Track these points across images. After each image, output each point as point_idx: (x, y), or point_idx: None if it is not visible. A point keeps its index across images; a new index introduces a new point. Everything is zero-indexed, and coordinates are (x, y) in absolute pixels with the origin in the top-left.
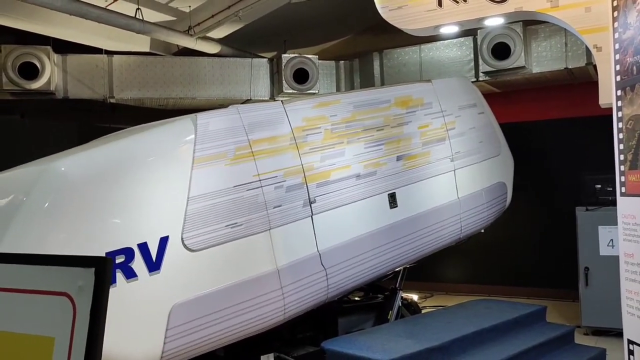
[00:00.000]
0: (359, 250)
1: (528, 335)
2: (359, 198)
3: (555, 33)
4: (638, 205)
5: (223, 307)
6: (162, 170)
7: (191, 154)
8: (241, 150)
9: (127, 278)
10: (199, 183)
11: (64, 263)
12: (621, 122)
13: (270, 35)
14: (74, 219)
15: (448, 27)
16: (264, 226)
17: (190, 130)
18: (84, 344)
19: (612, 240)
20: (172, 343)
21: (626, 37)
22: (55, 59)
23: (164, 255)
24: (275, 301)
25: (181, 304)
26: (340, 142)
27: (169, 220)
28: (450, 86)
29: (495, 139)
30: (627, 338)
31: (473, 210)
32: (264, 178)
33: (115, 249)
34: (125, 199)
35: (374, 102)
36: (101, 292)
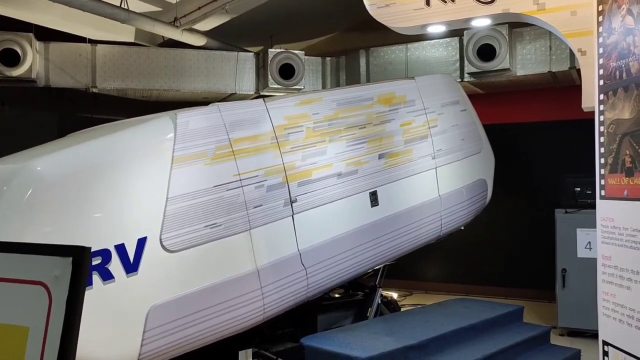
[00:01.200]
0: (340, 249)
1: (505, 334)
2: (340, 197)
3: (540, 36)
4: (617, 209)
5: (202, 308)
6: (140, 170)
7: (170, 154)
8: (221, 149)
9: (104, 280)
10: (178, 183)
11: (40, 252)
12: (603, 126)
13: (256, 30)
14: (50, 219)
15: (435, 27)
16: (244, 226)
17: (170, 128)
18: (59, 334)
19: (589, 242)
20: (149, 345)
21: (610, 41)
22: (37, 47)
23: (142, 257)
24: (255, 301)
25: (159, 306)
26: (322, 141)
27: (147, 221)
28: (433, 83)
29: (477, 136)
30: (602, 339)
31: (454, 208)
32: (244, 178)
33: (92, 251)
34: (102, 199)
35: (357, 100)
36: (78, 282)
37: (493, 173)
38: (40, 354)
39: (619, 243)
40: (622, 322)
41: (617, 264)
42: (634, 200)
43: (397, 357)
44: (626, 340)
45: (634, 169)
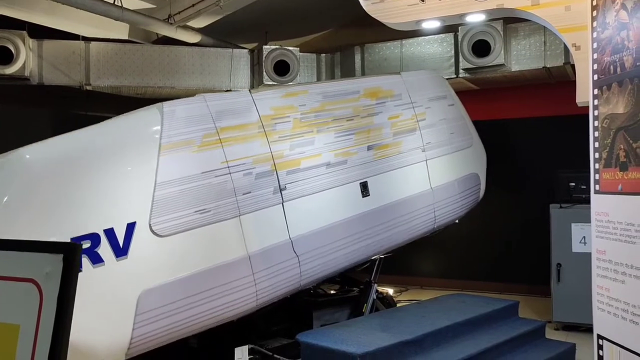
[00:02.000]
0: (332, 237)
1: (500, 329)
2: (330, 186)
3: (535, 32)
4: (611, 203)
5: (193, 293)
6: (128, 157)
7: (157, 141)
8: (208, 137)
9: (94, 263)
10: (166, 169)
11: (30, 249)
12: (597, 121)
13: (251, 26)
14: (40, 204)
15: (429, 22)
16: (233, 212)
17: (157, 118)
18: (51, 332)
19: (584, 237)
20: (141, 329)
21: (604, 36)
22: (30, 44)
23: (131, 241)
24: (247, 287)
25: (150, 290)
26: (309, 131)
27: (136, 206)
28: (419, 78)
29: (467, 130)
30: (597, 333)
31: (447, 201)
32: (232, 165)
33: (81, 235)
34: (91, 185)
35: (342, 93)
36: (69, 279)
37: (485, 168)
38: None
39: (614, 237)
40: (616, 316)
41: (611, 258)
42: (628, 195)
43: (393, 352)
44: (621, 334)
45: (628, 164)
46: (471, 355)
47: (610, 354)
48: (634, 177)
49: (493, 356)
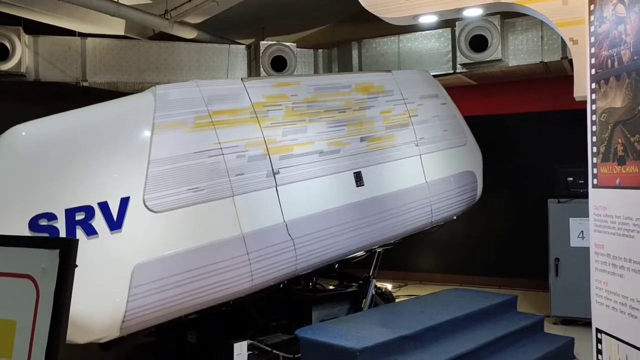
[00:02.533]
0: (327, 223)
1: (499, 324)
2: (324, 174)
3: (532, 27)
4: (609, 197)
5: (188, 269)
6: (122, 135)
7: (151, 121)
8: (201, 119)
9: (88, 235)
10: (160, 147)
11: (26, 244)
12: (595, 115)
13: (248, 22)
14: (36, 176)
15: (427, 17)
16: (226, 192)
17: (150, 99)
18: (48, 327)
19: (582, 232)
20: (135, 302)
21: (602, 30)
22: (26, 40)
23: (125, 216)
24: (242, 266)
25: (144, 264)
26: (302, 120)
27: (130, 182)
28: (410, 77)
29: (460, 129)
30: (596, 327)
31: (443, 195)
32: (225, 146)
33: (75, 206)
34: (86, 160)
35: (334, 86)
36: (66, 275)
37: (481, 167)
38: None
39: (612, 231)
40: (615, 309)
41: (609, 252)
42: (626, 189)
43: (392, 347)
44: (619, 328)
45: (626, 158)
46: (470, 350)
47: (609, 348)
48: (631, 171)
49: (492, 351)
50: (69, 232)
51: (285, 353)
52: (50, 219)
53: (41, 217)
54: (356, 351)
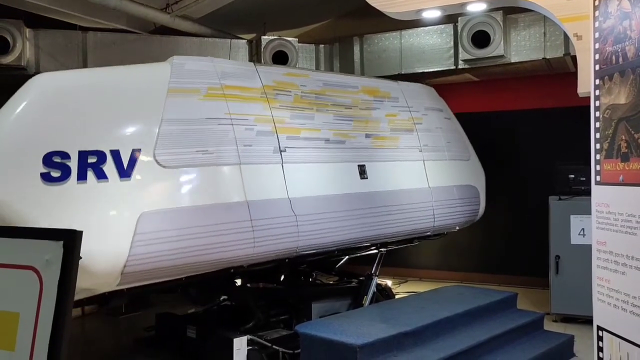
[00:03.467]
0: (330, 207)
1: (499, 321)
2: (329, 160)
3: (535, 23)
4: (612, 194)
5: (192, 225)
6: (138, 93)
7: (166, 84)
8: (213, 90)
9: (98, 178)
10: (172, 109)
11: (30, 235)
12: (598, 111)
13: (249, 16)
14: (55, 117)
15: (430, 12)
16: (234, 160)
17: (167, 67)
18: (51, 320)
19: (583, 229)
20: (139, 248)
21: (606, 26)
22: (27, 34)
23: (135, 166)
24: (245, 231)
25: (150, 213)
26: (309, 108)
27: (142, 136)
28: (416, 89)
29: (464, 145)
30: (597, 324)
31: (445, 202)
32: (235, 118)
33: (89, 150)
34: (103, 110)
35: (342, 84)
36: (70, 266)
37: (484, 185)
38: (32, 340)
39: (614, 228)
40: (616, 307)
41: (612, 249)
42: (630, 186)
43: (392, 343)
44: (621, 325)
45: (629, 154)
46: (470, 347)
47: (610, 345)
48: (635, 168)
49: (491, 348)
50: (81, 172)
51: (285, 348)
52: (63, 158)
53: (55, 154)
54: (356, 347)
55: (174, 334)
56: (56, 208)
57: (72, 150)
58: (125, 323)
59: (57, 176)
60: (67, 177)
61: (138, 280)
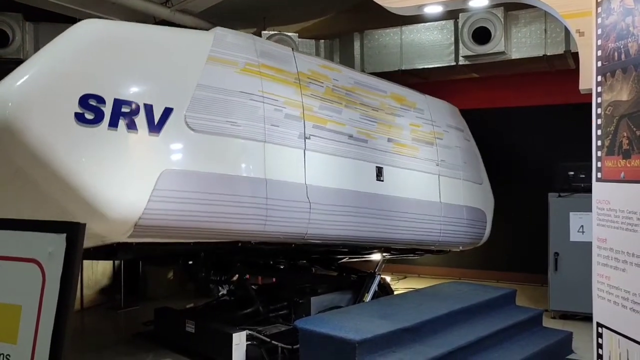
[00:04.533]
0: (345, 201)
1: (497, 317)
2: (349, 156)
3: (536, 19)
4: (613, 191)
5: (210, 191)
6: (178, 55)
7: (206, 52)
8: (250, 66)
9: (128, 128)
10: (209, 76)
11: (33, 228)
12: (600, 108)
13: (250, 11)
14: (97, 61)
15: (432, 7)
16: (260, 136)
17: (210, 37)
18: (53, 313)
19: (582, 226)
20: (155, 204)
21: (609, 22)
22: (26, 27)
23: (165, 123)
24: (259, 207)
25: (171, 171)
26: (339, 102)
27: (176, 96)
28: (441, 105)
29: (479, 168)
30: (597, 321)
31: (453, 220)
32: (266, 97)
33: (123, 99)
34: (143, 64)
35: (372, 86)
36: (73, 259)
37: (492, 212)
38: (34, 333)
39: (615, 225)
40: (616, 304)
41: (612, 246)
42: (631, 183)
43: (391, 339)
44: (621, 322)
45: (631, 151)
46: (468, 343)
47: (610, 342)
48: (636, 165)
49: (490, 344)
50: (113, 119)
51: (283, 344)
52: (99, 102)
53: (92, 97)
54: (355, 343)
55: (173, 328)
56: (83, 149)
57: (108, 96)
58: (124, 317)
59: (90, 118)
60: (99, 121)
61: (149, 235)
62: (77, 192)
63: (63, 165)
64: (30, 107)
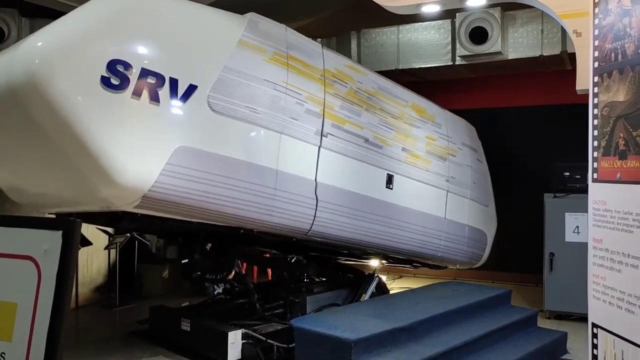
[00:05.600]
0: (352, 203)
1: (493, 317)
2: (363, 160)
3: (532, 20)
4: (609, 192)
5: (221, 173)
6: (211, 33)
7: (238, 36)
8: (279, 56)
9: (151, 99)
10: (237, 59)
11: (28, 225)
12: (597, 109)
13: (245, 9)
14: (131, 27)
15: (430, 6)
16: (277, 127)
17: (243, 21)
18: (49, 310)
19: (577, 227)
20: (165, 178)
21: (606, 23)
22: (22, 23)
23: (188, 100)
24: (267, 197)
25: (187, 148)
26: (360, 105)
27: (202, 74)
28: (459, 123)
29: (487, 191)
30: (592, 321)
31: (455, 237)
32: (290, 89)
33: (151, 70)
34: (174, 38)
35: (394, 94)
36: (68, 256)
37: (493, 236)
38: (30, 330)
39: (611, 226)
40: (612, 304)
41: (608, 246)
42: (627, 183)
43: (387, 338)
44: (616, 323)
45: (627, 152)
46: (464, 343)
47: (605, 343)
48: (633, 166)
49: (485, 344)
50: (137, 88)
51: (279, 342)
52: (126, 68)
53: (120, 62)
54: (351, 342)
55: (168, 327)
56: (105, 114)
57: (136, 65)
58: (119, 315)
59: (116, 84)
60: (124, 87)
61: (155, 208)
62: (93, 155)
63: (83, 126)
64: (57, 65)
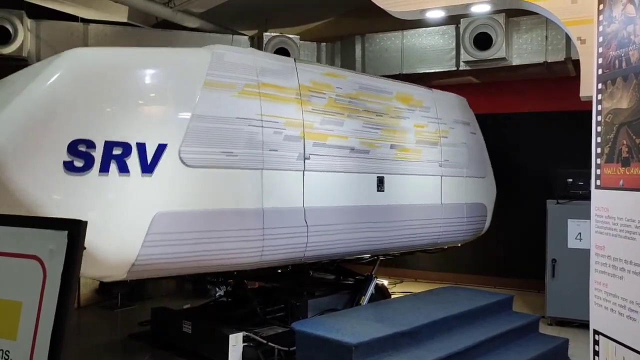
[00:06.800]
0: (343, 219)
1: (494, 323)
2: (350, 170)
3: (537, 26)
4: (612, 198)
5: (205, 229)
6: (171, 82)
7: (203, 76)
8: (249, 87)
9: (120, 172)
10: (205, 103)
11: (34, 225)
12: (600, 116)
13: (252, 13)
14: (83, 103)
15: (434, 12)
16: (257, 164)
17: (207, 56)
18: (54, 309)
19: (580, 233)
20: (149, 249)
21: (610, 30)
22: (28, 24)
23: (159, 162)
24: (256, 240)
25: (166, 213)
26: (341, 113)
27: (170, 130)
28: (448, 99)
29: (483, 161)
30: (593, 328)
31: (453, 220)
32: (265, 120)
33: (114, 140)
34: (133, 99)
35: (377, 89)
36: (74, 256)
37: (493, 202)
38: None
39: (613, 233)
40: (613, 311)
41: (610, 253)
42: (630, 190)
43: (388, 343)
44: (617, 330)
45: (630, 159)
46: (465, 348)
47: (606, 349)
48: (636, 173)
49: (486, 349)
50: (104, 164)
51: (280, 346)
52: (89, 147)
53: (81, 142)
54: (352, 346)
55: (170, 329)
56: (73, 199)
57: (98, 140)
58: (121, 317)
59: (80, 166)
60: (89, 167)
61: (143, 275)
62: None
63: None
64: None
